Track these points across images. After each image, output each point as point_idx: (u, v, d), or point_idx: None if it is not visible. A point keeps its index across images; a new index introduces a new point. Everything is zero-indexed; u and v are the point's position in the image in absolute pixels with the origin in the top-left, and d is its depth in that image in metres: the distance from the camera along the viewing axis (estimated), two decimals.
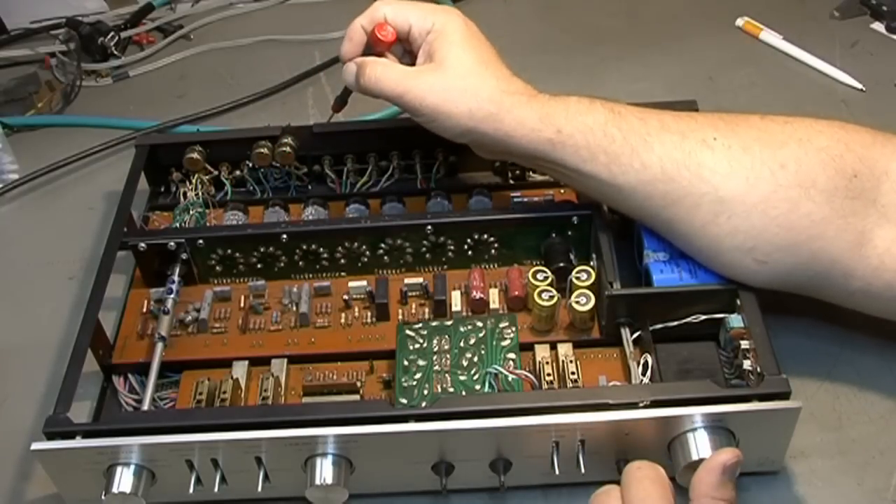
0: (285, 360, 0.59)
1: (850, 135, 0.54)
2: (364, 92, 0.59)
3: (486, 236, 0.62)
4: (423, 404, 0.54)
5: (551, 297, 0.58)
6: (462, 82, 0.56)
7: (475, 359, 0.56)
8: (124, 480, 0.50)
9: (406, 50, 0.60)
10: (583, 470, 0.51)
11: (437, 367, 0.56)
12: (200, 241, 0.62)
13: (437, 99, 0.56)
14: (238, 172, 0.69)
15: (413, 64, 0.59)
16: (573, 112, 0.55)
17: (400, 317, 0.61)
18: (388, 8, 0.59)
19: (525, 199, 0.67)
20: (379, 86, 0.58)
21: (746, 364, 0.53)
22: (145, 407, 0.56)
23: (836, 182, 0.52)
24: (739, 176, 0.53)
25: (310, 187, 0.70)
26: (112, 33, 0.91)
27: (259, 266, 0.63)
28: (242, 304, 0.62)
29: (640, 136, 0.54)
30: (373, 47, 0.59)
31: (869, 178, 0.53)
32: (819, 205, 0.52)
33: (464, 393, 0.55)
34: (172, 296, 0.61)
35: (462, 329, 0.58)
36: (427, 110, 0.56)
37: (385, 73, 0.57)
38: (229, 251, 0.62)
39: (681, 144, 0.54)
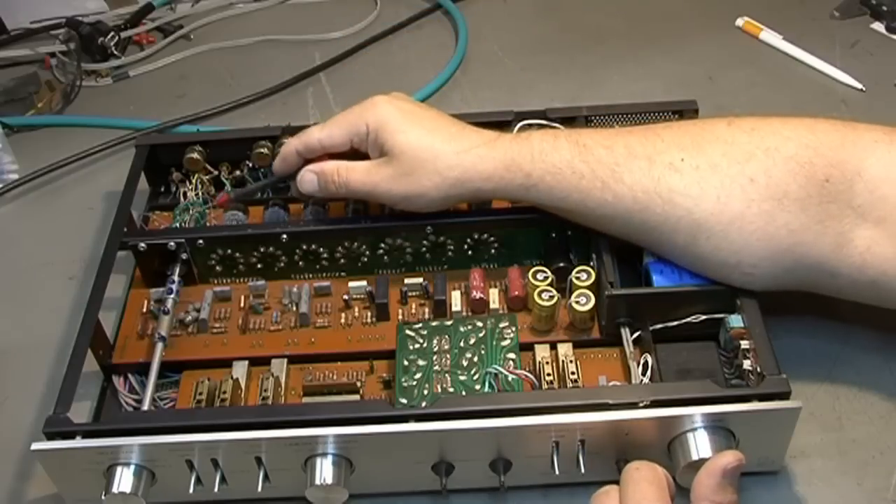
0: (285, 360, 0.59)
1: (819, 137, 0.53)
2: (331, 197, 0.62)
3: (486, 236, 0.62)
4: (423, 404, 0.54)
5: (551, 297, 0.58)
6: (418, 164, 0.57)
7: (475, 359, 0.56)
8: (124, 480, 0.50)
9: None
10: (583, 470, 0.51)
11: (437, 367, 0.56)
12: (200, 241, 0.62)
13: (402, 186, 0.58)
14: (238, 172, 0.69)
15: None
16: (538, 153, 0.56)
17: (400, 317, 0.61)
18: (321, 133, 0.60)
19: None
20: (348, 188, 0.60)
21: (746, 364, 0.53)
22: (145, 407, 0.56)
23: (809, 189, 0.52)
24: (710, 196, 0.53)
25: None
26: (112, 33, 0.90)
27: (259, 266, 0.63)
28: (242, 304, 0.62)
29: (609, 167, 0.54)
30: None
31: (841, 180, 0.52)
32: (794, 214, 0.52)
33: (464, 393, 0.55)
34: (172, 296, 0.61)
35: (462, 329, 0.58)
36: (398, 198, 0.58)
37: (350, 175, 0.59)
38: (229, 251, 0.62)
39: (649, 171, 0.54)
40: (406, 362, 0.57)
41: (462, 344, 0.57)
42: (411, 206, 0.59)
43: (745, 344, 0.54)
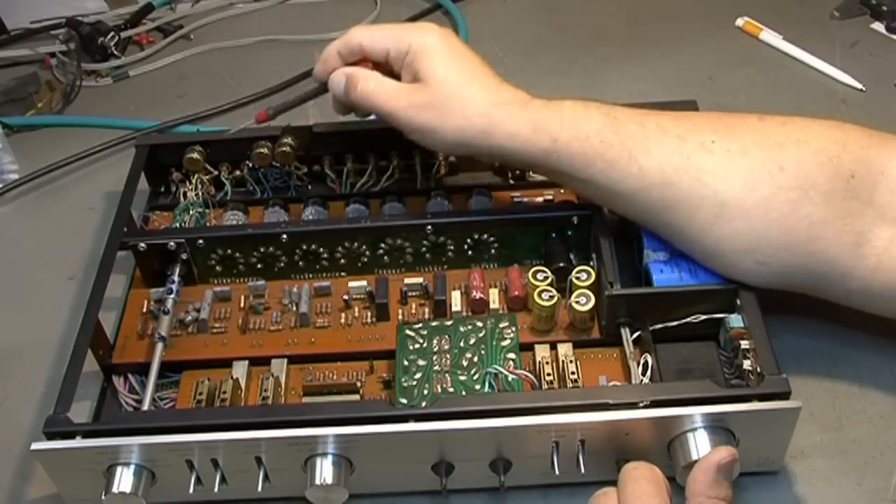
0: (285, 360, 0.59)
1: (848, 135, 0.54)
2: (352, 104, 0.59)
3: (486, 236, 0.62)
4: (423, 404, 0.54)
5: (551, 297, 0.58)
6: (449, 100, 0.55)
7: (475, 359, 0.56)
8: (124, 480, 0.50)
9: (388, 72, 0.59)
10: (583, 470, 0.51)
11: (437, 367, 0.56)
12: (200, 241, 0.62)
13: (426, 117, 0.56)
14: (238, 172, 0.69)
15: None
16: (568, 120, 0.55)
17: (400, 317, 0.61)
18: (364, 35, 0.59)
19: (525, 199, 0.67)
20: (370, 101, 0.57)
21: (746, 364, 0.53)
22: (145, 407, 0.56)
23: (835, 183, 0.52)
24: (738, 179, 0.53)
25: (310, 187, 0.70)
26: (112, 33, 0.91)
27: (259, 266, 0.63)
28: (242, 304, 0.62)
29: (638, 140, 0.54)
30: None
31: (866, 178, 0.53)
32: (819, 206, 0.52)
33: (464, 393, 0.55)
34: (172, 296, 0.61)
35: (462, 329, 0.58)
36: (415, 127, 0.56)
37: (376, 89, 0.57)
38: (229, 251, 0.62)
39: (680, 148, 0.54)
40: (406, 362, 0.57)
41: (462, 344, 0.57)
42: (424, 140, 0.57)
43: (745, 344, 0.54)
